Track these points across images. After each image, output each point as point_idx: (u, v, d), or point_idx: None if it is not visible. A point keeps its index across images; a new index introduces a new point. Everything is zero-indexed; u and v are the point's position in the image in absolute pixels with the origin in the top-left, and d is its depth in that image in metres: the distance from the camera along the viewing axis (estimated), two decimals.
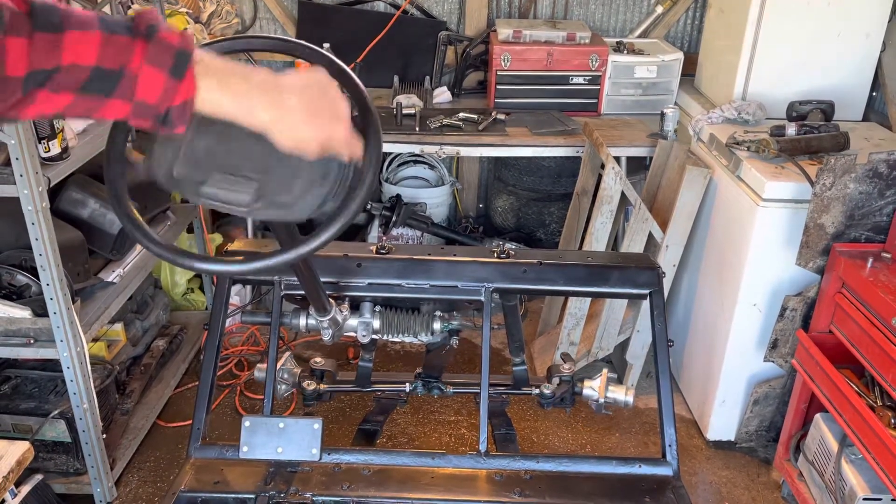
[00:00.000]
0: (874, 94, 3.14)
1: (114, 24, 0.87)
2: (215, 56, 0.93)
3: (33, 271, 2.26)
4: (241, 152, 1.00)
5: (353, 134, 1.00)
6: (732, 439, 2.94)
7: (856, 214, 2.38)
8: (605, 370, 1.96)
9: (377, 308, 1.83)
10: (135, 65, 0.86)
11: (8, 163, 2.04)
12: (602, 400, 1.90)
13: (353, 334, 1.81)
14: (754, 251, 2.58)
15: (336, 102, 0.99)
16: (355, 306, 1.81)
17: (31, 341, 2.28)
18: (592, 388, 1.93)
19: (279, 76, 0.96)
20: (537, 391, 2.01)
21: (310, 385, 2.08)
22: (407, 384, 2.21)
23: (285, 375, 1.95)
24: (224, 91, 0.91)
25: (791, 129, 2.67)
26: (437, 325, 1.84)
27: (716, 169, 2.83)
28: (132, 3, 3.51)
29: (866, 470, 2.22)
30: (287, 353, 1.99)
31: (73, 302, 2.28)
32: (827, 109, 2.79)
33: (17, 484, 1.90)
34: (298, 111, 0.95)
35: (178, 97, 0.88)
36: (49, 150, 2.14)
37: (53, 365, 2.48)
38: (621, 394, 1.90)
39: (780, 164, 2.57)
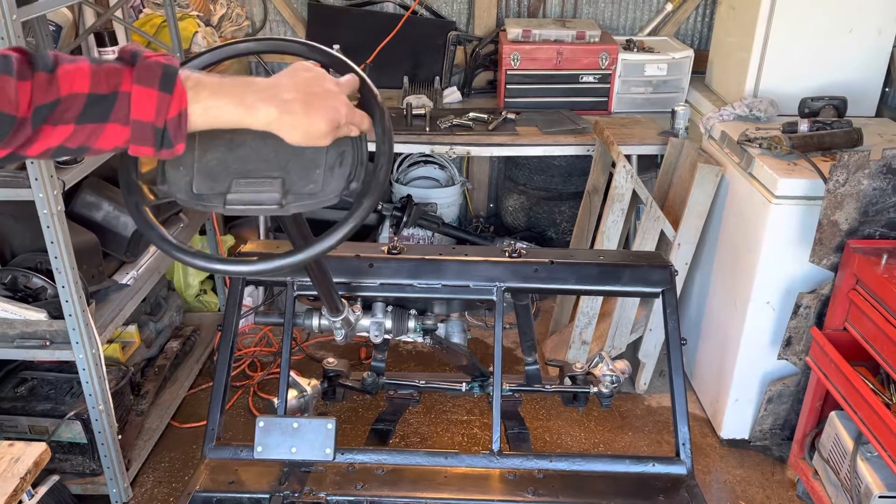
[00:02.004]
0: (887, 89, 3.11)
1: (101, 59, 0.95)
2: (202, 72, 0.98)
3: (49, 274, 2.28)
4: (254, 155, 1.02)
5: (353, 108, 1.03)
6: (746, 438, 2.93)
7: (870, 211, 2.37)
8: (601, 353, 1.99)
9: (389, 308, 1.83)
10: (126, 86, 0.92)
11: (23, 167, 2.06)
12: (622, 379, 1.96)
13: (365, 334, 1.81)
14: (767, 248, 2.57)
15: (326, 84, 1.01)
16: (367, 306, 1.82)
17: (47, 343, 2.31)
18: (607, 374, 1.96)
19: (266, 78, 1.00)
20: (595, 390, 2.06)
21: (369, 376, 2.13)
22: (463, 384, 2.24)
23: (309, 391, 1.96)
24: (218, 97, 0.95)
25: (803, 126, 2.65)
26: (411, 324, 1.85)
27: (727, 166, 2.82)
28: (143, 8, 3.54)
29: (882, 468, 2.21)
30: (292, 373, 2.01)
31: (88, 304, 2.30)
32: (839, 105, 2.77)
33: (35, 485, 1.92)
34: (297, 104, 0.98)
35: (172, 109, 0.92)
36: None
37: (69, 367, 2.50)
38: (626, 367, 2.02)
39: (792, 160, 2.56)
